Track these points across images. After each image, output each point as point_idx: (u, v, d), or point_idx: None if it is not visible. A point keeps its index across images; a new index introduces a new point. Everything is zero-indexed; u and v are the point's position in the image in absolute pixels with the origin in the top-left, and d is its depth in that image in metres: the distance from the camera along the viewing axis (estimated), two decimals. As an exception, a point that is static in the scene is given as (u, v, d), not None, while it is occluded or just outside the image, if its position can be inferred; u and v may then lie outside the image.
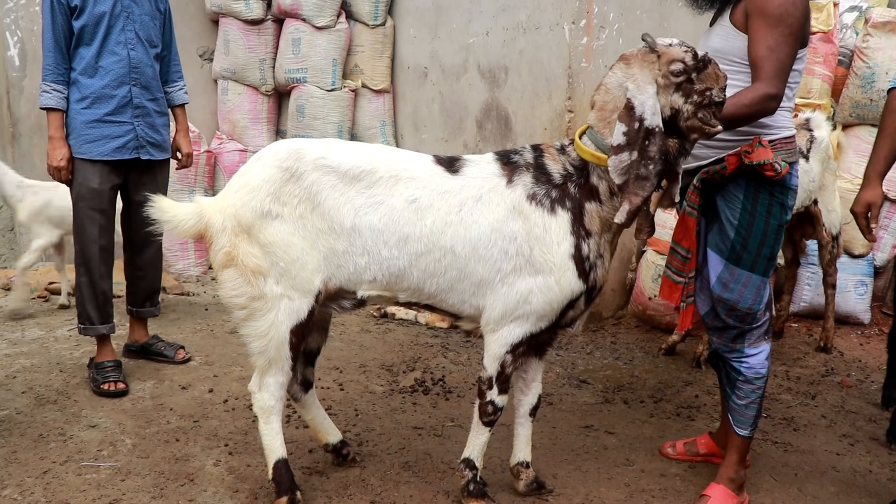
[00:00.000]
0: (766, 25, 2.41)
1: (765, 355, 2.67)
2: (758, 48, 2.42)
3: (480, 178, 2.40)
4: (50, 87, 3.44)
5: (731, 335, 2.66)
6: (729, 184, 2.57)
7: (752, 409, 2.68)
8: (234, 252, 2.37)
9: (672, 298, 2.73)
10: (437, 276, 2.39)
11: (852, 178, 4.74)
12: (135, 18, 3.54)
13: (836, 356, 4.33)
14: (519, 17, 4.91)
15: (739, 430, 2.70)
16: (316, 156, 2.37)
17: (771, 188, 2.54)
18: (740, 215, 2.56)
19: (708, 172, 2.57)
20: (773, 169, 2.47)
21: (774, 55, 2.40)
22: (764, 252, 2.59)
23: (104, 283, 3.60)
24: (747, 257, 2.58)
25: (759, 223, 2.56)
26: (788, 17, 2.40)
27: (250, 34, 5.89)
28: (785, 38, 2.40)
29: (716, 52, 2.56)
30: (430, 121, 5.80)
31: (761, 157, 2.46)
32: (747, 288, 2.60)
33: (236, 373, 3.77)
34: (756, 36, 2.43)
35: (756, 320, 2.63)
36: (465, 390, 3.66)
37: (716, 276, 2.63)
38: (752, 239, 2.57)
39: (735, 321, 2.63)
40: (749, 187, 2.54)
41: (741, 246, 2.57)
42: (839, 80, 4.91)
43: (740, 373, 2.67)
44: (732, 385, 2.70)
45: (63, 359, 3.92)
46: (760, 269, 2.60)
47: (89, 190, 3.51)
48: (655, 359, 4.23)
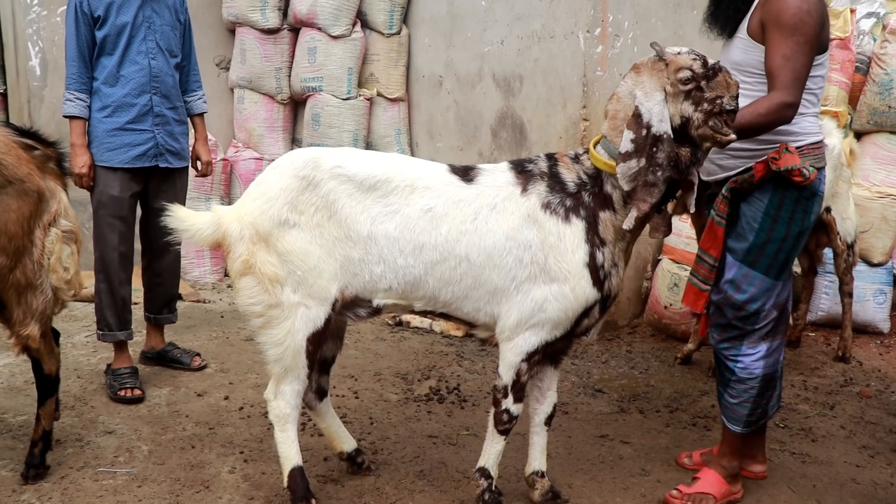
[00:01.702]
0: (782, 35, 2.42)
1: (761, 355, 2.67)
2: (774, 58, 2.43)
3: (495, 187, 2.41)
4: (73, 96, 3.50)
5: (731, 334, 2.68)
6: (755, 191, 2.57)
7: (745, 408, 2.70)
8: (251, 260, 2.38)
9: (697, 306, 2.74)
10: (453, 284, 2.40)
11: (870, 185, 4.71)
12: (156, 29, 3.58)
13: (854, 366, 4.29)
14: (534, 26, 4.91)
15: (731, 425, 2.74)
16: (332, 164, 2.38)
17: (798, 194, 2.54)
18: (762, 219, 2.56)
19: (737, 181, 2.58)
20: (801, 174, 2.48)
21: (790, 64, 2.41)
22: (780, 257, 2.59)
23: (123, 289, 3.64)
24: (763, 260, 2.59)
25: (781, 228, 2.56)
26: (803, 26, 2.41)
27: (266, 43, 5.93)
28: (800, 46, 2.41)
29: (736, 64, 2.58)
30: (445, 129, 5.81)
31: (788, 162, 2.47)
32: (759, 290, 2.60)
33: (252, 380, 3.79)
34: (772, 45, 2.45)
35: (759, 321, 2.64)
36: (480, 399, 3.66)
37: (729, 278, 2.63)
38: (771, 243, 2.57)
39: (739, 322, 2.65)
40: (775, 193, 2.55)
41: (759, 249, 2.58)
42: (856, 86, 4.88)
43: (733, 372, 2.69)
44: (725, 383, 2.74)
45: (80, 365, 3.95)
46: (775, 274, 2.60)
47: (110, 197, 3.55)
48: (671, 368, 4.21)
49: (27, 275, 2.60)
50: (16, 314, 2.63)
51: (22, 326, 2.64)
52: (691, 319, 4.43)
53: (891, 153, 4.78)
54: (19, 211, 2.55)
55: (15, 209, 2.54)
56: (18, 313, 2.63)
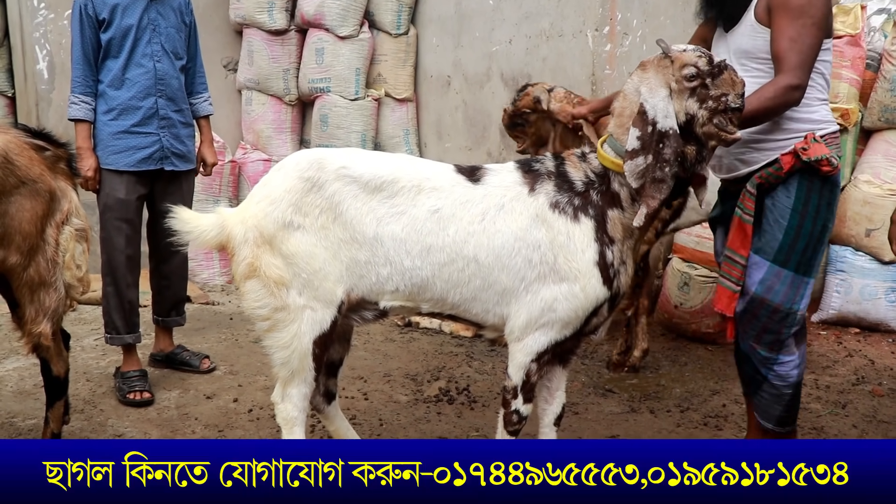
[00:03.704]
0: (789, 17, 2.39)
1: (796, 363, 2.64)
2: (780, 41, 2.41)
3: (503, 187, 2.39)
4: (78, 99, 3.50)
5: (768, 340, 2.62)
6: (780, 185, 2.54)
7: (777, 409, 2.68)
8: (256, 263, 2.37)
9: (730, 309, 2.66)
10: (461, 285, 2.38)
11: (882, 182, 4.66)
12: (161, 31, 3.58)
13: (866, 364, 4.25)
14: (542, 25, 4.90)
15: (764, 422, 2.72)
16: (337, 165, 2.37)
17: (821, 187, 2.51)
18: (790, 216, 2.52)
19: (762, 176, 2.54)
20: (830, 163, 2.45)
21: (797, 46, 2.38)
22: (809, 253, 2.55)
23: (131, 292, 3.64)
24: (795, 258, 2.54)
25: (808, 224, 2.53)
26: (811, 8, 2.39)
27: (274, 44, 5.93)
28: (807, 28, 2.38)
29: (744, 52, 2.54)
30: (454, 129, 5.80)
31: (818, 152, 2.45)
32: (792, 289, 2.56)
33: (261, 382, 3.78)
34: (778, 29, 2.41)
35: (796, 323, 2.60)
36: (489, 399, 3.64)
37: (759, 279, 2.58)
38: (801, 240, 2.53)
39: (776, 325, 2.59)
40: (800, 188, 2.51)
41: (790, 247, 2.53)
42: (867, 83, 4.82)
43: (766, 378, 2.65)
44: (758, 386, 2.69)
45: (89, 368, 3.96)
46: (805, 270, 2.57)
47: (116, 200, 3.55)
48: (682, 367, 4.18)
49: (41, 273, 2.66)
50: (28, 312, 2.68)
51: (34, 324, 2.69)
52: (701, 319, 4.41)
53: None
54: (32, 210, 2.60)
55: (28, 209, 2.60)
56: (31, 311, 2.68)
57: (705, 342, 4.47)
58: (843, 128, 4.69)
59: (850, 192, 4.75)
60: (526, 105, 3.93)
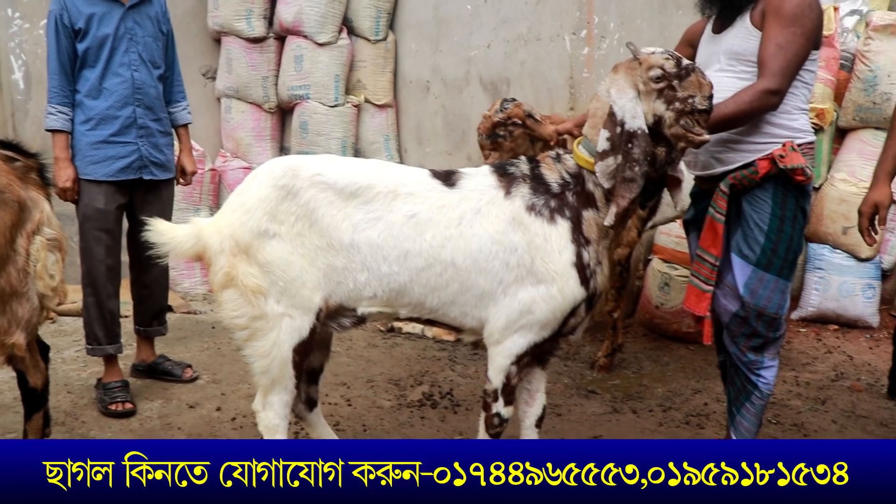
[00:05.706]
0: (780, 24, 2.42)
1: (776, 371, 2.70)
2: (768, 46, 2.44)
3: (478, 191, 2.41)
4: (55, 110, 3.48)
5: (756, 343, 2.65)
6: (756, 188, 2.57)
7: (755, 424, 2.73)
8: (233, 272, 2.37)
9: (699, 308, 2.69)
10: (439, 290, 2.39)
11: (857, 181, 4.72)
12: (138, 40, 3.56)
13: (845, 360, 4.30)
14: (520, 29, 4.92)
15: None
16: (312, 172, 2.37)
17: (796, 193, 2.55)
18: (770, 220, 2.56)
19: (736, 177, 2.57)
20: (804, 174, 2.48)
21: (783, 53, 2.41)
22: (790, 257, 2.59)
23: (111, 302, 3.62)
24: (777, 262, 2.58)
25: (788, 228, 2.56)
26: (803, 18, 2.42)
27: (252, 52, 5.93)
28: (796, 37, 2.41)
29: (735, 53, 2.56)
30: (434, 134, 5.82)
31: (794, 161, 2.48)
32: (775, 293, 2.59)
33: (244, 391, 3.78)
34: (768, 34, 2.45)
35: (780, 327, 2.64)
36: (473, 403, 3.65)
37: (743, 282, 2.61)
38: (782, 243, 2.57)
39: (764, 328, 2.62)
40: (777, 192, 2.55)
41: (772, 251, 2.57)
42: (841, 83, 4.89)
43: (756, 387, 2.67)
44: (747, 397, 2.70)
45: (70, 380, 3.93)
46: (787, 274, 2.61)
47: (95, 210, 3.53)
48: (664, 367, 4.21)
49: (11, 283, 2.63)
50: (1, 323, 2.66)
51: (7, 335, 2.66)
52: (682, 319, 4.43)
53: (876, 149, 4.77)
54: (1, 221, 2.58)
55: None
56: (3, 322, 2.66)
57: (686, 342, 4.50)
58: (819, 127, 4.76)
59: (826, 191, 4.81)
60: (517, 115, 3.74)
